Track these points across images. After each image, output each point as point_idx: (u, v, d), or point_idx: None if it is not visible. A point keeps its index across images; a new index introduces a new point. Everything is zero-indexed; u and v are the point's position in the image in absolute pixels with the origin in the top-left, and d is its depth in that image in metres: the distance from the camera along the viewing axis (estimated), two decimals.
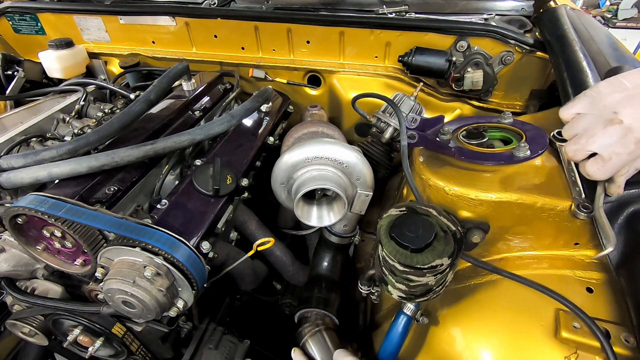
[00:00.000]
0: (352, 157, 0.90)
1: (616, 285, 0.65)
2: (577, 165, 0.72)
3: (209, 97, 1.30)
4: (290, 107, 1.45)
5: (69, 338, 0.92)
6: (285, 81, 1.49)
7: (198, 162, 0.99)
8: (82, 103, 1.28)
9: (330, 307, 1.03)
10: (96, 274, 0.75)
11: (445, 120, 0.97)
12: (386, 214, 0.72)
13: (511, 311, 0.70)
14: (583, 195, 0.69)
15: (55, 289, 0.92)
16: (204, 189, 0.90)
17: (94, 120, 1.22)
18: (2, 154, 1.00)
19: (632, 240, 0.64)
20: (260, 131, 1.20)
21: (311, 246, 1.30)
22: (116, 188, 0.85)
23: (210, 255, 0.83)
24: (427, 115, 1.17)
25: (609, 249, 0.62)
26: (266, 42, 1.46)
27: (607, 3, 5.65)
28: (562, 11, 1.19)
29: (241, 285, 1.16)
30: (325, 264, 1.14)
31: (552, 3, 1.26)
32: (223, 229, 0.90)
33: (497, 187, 0.73)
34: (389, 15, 1.37)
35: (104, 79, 1.59)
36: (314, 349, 0.94)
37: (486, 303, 0.73)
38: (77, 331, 0.91)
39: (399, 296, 0.73)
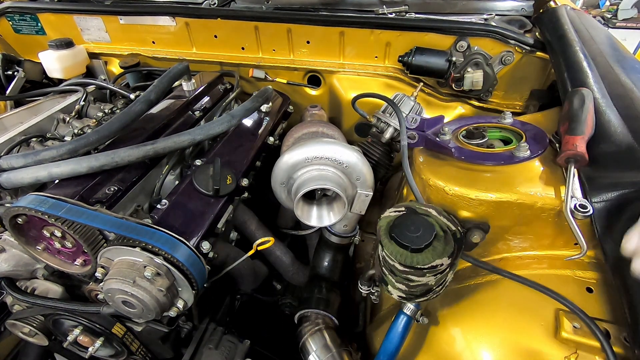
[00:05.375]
0: (352, 157, 0.90)
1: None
2: (578, 170, 0.73)
3: (209, 97, 1.31)
4: (290, 107, 1.45)
5: (69, 338, 0.92)
6: (285, 81, 1.49)
7: (198, 162, 0.99)
8: (82, 103, 1.28)
9: (330, 307, 1.03)
10: (96, 274, 0.75)
11: (445, 120, 0.97)
12: (386, 214, 0.72)
13: (511, 311, 0.70)
14: (580, 196, 0.69)
15: (55, 289, 0.92)
16: (204, 189, 0.90)
17: (94, 120, 1.22)
18: (2, 154, 1.00)
19: None
20: (260, 131, 1.20)
21: (311, 246, 1.30)
22: (116, 188, 0.85)
23: (210, 255, 0.83)
24: (427, 115, 1.17)
25: (581, 254, 0.66)
26: (266, 42, 1.46)
27: (607, 3, 5.65)
28: (563, 11, 1.19)
29: (241, 285, 1.16)
30: (325, 264, 1.14)
31: (552, 3, 1.26)
32: (223, 229, 0.90)
33: (497, 187, 0.73)
34: (389, 16, 1.37)
35: (104, 79, 1.59)
36: (313, 347, 0.94)
37: (486, 303, 0.74)
38: (77, 331, 0.91)
39: (399, 296, 0.73)
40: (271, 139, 1.20)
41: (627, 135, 0.76)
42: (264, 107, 1.25)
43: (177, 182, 1.02)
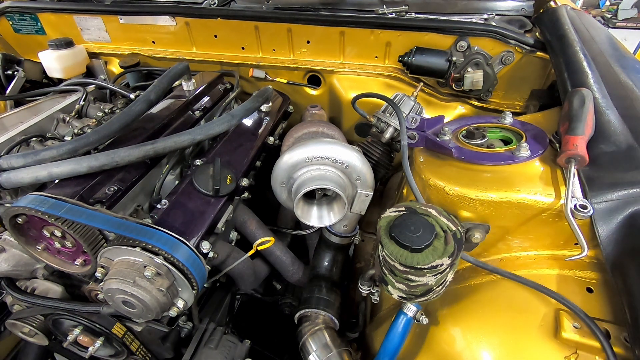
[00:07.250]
0: (352, 157, 0.90)
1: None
2: (578, 170, 0.73)
3: (209, 97, 1.30)
4: (290, 107, 1.45)
5: (69, 338, 0.92)
6: (285, 81, 1.49)
7: (198, 162, 0.99)
8: (82, 103, 1.28)
9: (330, 307, 1.03)
10: (96, 274, 0.75)
11: (446, 120, 0.97)
12: (386, 214, 0.72)
13: (511, 311, 0.70)
14: (581, 196, 0.69)
15: (55, 289, 0.92)
16: (204, 188, 0.90)
17: (94, 120, 1.22)
18: (2, 154, 1.00)
19: (630, 240, 0.64)
20: (260, 131, 1.20)
21: (311, 246, 1.30)
22: (116, 188, 0.85)
23: (210, 255, 0.83)
24: (427, 115, 1.17)
25: (582, 255, 0.66)
26: (266, 42, 1.46)
27: (607, 3, 5.65)
28: (563, 11, 1.19)
29: (241, 285, 1.16)
30: (326, 264, 1.14)
31: (552, 3, 1.26)
32: (223, 229, 0.90)
33: (497, 187, 0.73)
34: (389, 15, 1.37)
35: (104, 79, 1.59)
36: (313, 347, 0.94)
37: (486, 303, 0.74)
38: (77, 331, 0.91)
39: (399, 296, 0.73)
40: (271, 139, 1.20)
41: (627, 135, 0.76)
42: (264, 107, 1.24)
43: (177, 182, 1.02)
